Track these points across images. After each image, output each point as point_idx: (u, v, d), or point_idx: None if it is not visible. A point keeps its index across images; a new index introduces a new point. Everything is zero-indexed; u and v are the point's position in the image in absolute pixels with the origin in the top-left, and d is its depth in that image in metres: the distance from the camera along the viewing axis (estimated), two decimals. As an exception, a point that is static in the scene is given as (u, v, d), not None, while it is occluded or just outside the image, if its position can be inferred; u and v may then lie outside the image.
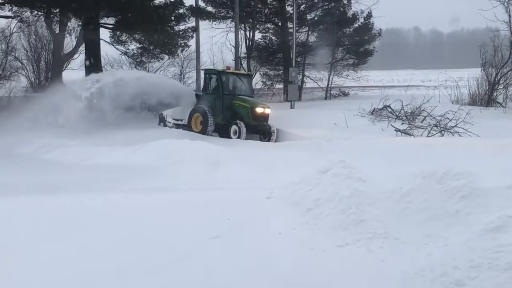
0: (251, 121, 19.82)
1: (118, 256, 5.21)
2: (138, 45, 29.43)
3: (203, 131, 20.08)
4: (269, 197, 6.97)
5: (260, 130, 20.10)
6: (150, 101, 22.59)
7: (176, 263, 5.13)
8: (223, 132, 20.27)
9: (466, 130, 16.97)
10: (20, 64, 30.03)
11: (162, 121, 21.58)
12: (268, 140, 19.25)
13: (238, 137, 19.22)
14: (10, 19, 26.99)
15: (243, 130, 19.44)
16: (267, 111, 20.30)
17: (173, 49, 29.31)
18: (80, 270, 4.95)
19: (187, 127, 20.74)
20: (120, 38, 28.67)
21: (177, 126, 21.02)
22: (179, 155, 11.41)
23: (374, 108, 20.59)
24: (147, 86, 21.23)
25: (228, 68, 22.65)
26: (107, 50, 30.42)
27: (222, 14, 36.28)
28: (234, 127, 19.76)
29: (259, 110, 20.03)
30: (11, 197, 7.23)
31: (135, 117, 22.18)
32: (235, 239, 5.71)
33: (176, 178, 9.56)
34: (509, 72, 24.86)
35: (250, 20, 36.37)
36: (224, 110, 20.61)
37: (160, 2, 27.26)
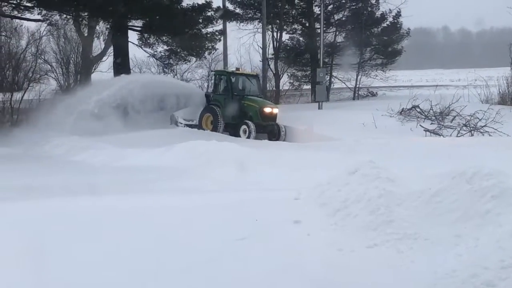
0: (260, 120, 20.51)
1: (145, 258, 5.24)
2: (166, 47, 29.60)
3: (214, 131, 20.51)
4: (297, 198, 6.96)
5: (269, 130, 20.66)
6: (162, 102, 22.84)
7: (203, 265, 5.15)
8: (232, 131, 20.74)
9: (496, 129, 16.84)
10: (50, 67, 30.36)
11: (173, 121, 22.07)
12: (277, 140, 19.73)
13: (248, 137, 19.72)
14: (39, 23, 27.31)
15: (253, 129, 20.00)
16: (275, 111, 21.04)
17: (200, 52, 29.45)
18: (109, 271, 4.99)
19: (198, 127, 21.28)
20: (148, 41, 28.85)
21: (188, 126, 21.50)
22: (207, 156, 11.44)
23: (403, 108, 20.50)
24: (158, 88, 22.04)
25: (238, 69, 23.46)
26: (135, 53, 30.67)
27: (250, 15, 36.41)
28: (243, 127, 20.33)
29: (267, 110, 20.77)
30: (47, 198, 7.30)
31: (151, 118, 22.41)
32: (263, 240, 5.71)
33: (204, 180, 9.58)
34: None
35: (278, 21, 36.45)
36: (234, 110, 21.14)
37: (188, 5, 27.37)
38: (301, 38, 38.94)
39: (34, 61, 27.20)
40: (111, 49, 29.57)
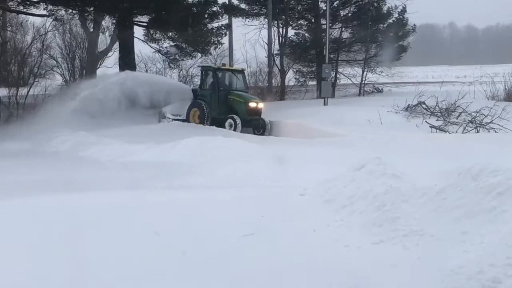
0: (246, 115, 21.29)
1: (151, 255, 5.27)
2: (171, 43, 29.63)
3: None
4: (302, 194, 6.98)
5: (254, 124, 21.30)
6: (152, 99, 23.79)
7: (210, 261, 5.17)
8: (219, 125, 21.19)
9: (502, 126, 16.80)
10: (55, 63, 30.38)
11: (162, 117, 22.94)
12: (262, 134, 20.42)
13: (234, 130, 20.45)
14: (45, 18, 27.32)
15: (238, 123, 20.85)
16: (260, 105, 21.84)
17: (206, 47, 29.49)
18: (110, 268, 5.02)
19: (186, 121, 22.00)
20: (154, 36, 28.89)
21: (176, 121, 22.24)
22: (213, 152, 11.46)
23: (409, 105, 20.45)
24: (147, 85, 23.32)
25: (224, 65, 23.90)
26: (141, 48, 30.71)
27: (255, 11, 36.38)
28: (229, 121, 21.12)
29: (252, 105, 21.53)
30: (55, 194, 7.33)
31: (142, 114, 23.34)
32: (269, 236, 5.73)
33: (211, 176, 9.60)
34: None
35: (283, 16, 36.42)
36: (220, 105, 21.98)
37: (193, 0, 27.38)
38: (306, 34, 38.88)
39: (40, 56, 27.17)
40: (116, 45, 29.60)
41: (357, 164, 6.89)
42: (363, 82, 37.63)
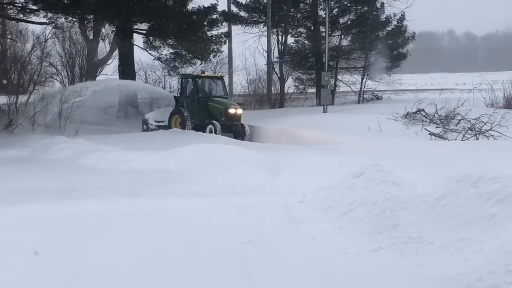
0: (225, 121, 21.85)
1: (150, 261, 5.27)
2: (171, 50, 29.71)
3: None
4: (302, 201, 6.97)
5: (234, 130, 22.06)
6: (137, 106, 25.40)
7: (209, 267, 5.17)
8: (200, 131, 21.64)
9: (501, 133, 16.80)
10: (55, 70, 30.44)
11: (145, 123, 23.40)
12: (242, 139, 20.78)
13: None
14: (45, 26, 27.38)
15: (218, 129, 21.40)
16: (239, 111, 22.36)
17: (205, 54, 29.59)
18: (111, 274, 5.02)
19: (168, 128, 22.47)
20: (153, 44, 28.96)
21: (159, 127, 22.79)
22: (213, 159, 11.46)
23: (408, 112, 20.44)
24: (132, 92, 24.92)
25: (203, 72, 24.59)
26: (140, 56, 30.78)
27: (255, 18, 36.45)
28: (209, 127, 21.69)
29: (231, 111, 21.99)
30: (53, 201, 7.32)
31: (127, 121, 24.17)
32: (268, 243, 5.73)
33: (210, 183, 9.59)
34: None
35: (283, 24, 36.49)
36: (200, 112, 22.57)
37: (193, 8, 27.46)
38: (306, 42, 38.97)
39: (39, 64, 27.20)
40: (116, 52, 29.66)
41: (356, 171, 6.88)
42: (362, 89, 37.70)
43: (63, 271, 5.05)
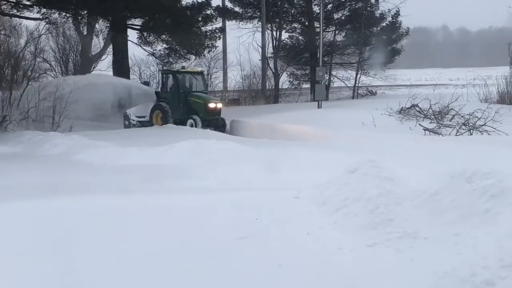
0: (206, 115, 22.53)
1: (146, 258, 5.27)
2: (165, 45, 29.67)
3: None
4: (297, 197, 6.98)
5: (214, 124, 22.62)
6: (118, 102, 25.27)
7: (204, 263, 5.18)
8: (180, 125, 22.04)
9: (495, 128, 16.85)
10: (49, 66, 30.39)
11: (127, 118, 23.63)
12: (222, 132, 21.14)
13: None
14: (38, 21, 27.31)
15: (199, 123, 22.12)
16: (219, 106, 23.18)
17: (200, 50, 29.56)
18: (106, 271, 5.02)
19: (149, 123, 22.89)
20: (148, 39, 28.92)
21: (140, 122, 23.12)
22: (208, 155, 11.42)
23: (402, 107, 20.50)
24: (114, 88, 24.98)
25: (183, 67, 25.36)
26: (135, 51, 30.76)
27: (249, 14, 36.47)
28: (190, 121, 22.35)
29: (211, 105, 22.67)
30: (50, 198, 7.31)
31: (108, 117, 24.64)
32: (263, 239, 5.73)
33: (205, 179, 9.58)
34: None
35: (277, 20, 36.51)
36: (181, 106, 23.14)
37: (187, 3, 27.41)
38: (300, 37, 38.99)
39: (33, 59, 27.12)
40: (110, 48, 29.63)
41: (351, 166, 6.88)
42: (356, 85, 37.73)
43: (56, 267, 5.04)
